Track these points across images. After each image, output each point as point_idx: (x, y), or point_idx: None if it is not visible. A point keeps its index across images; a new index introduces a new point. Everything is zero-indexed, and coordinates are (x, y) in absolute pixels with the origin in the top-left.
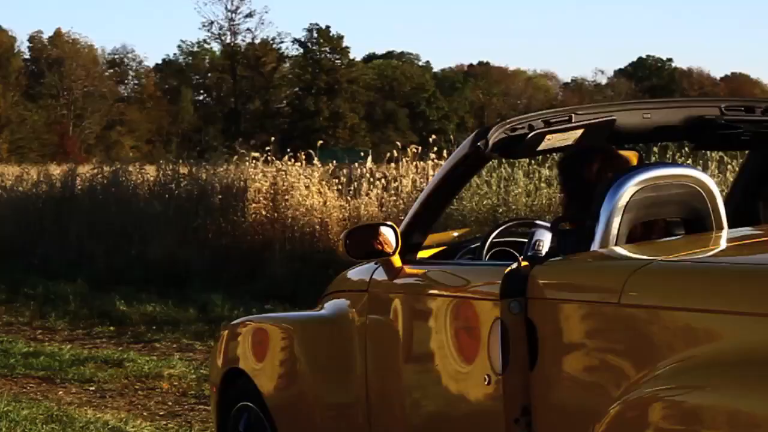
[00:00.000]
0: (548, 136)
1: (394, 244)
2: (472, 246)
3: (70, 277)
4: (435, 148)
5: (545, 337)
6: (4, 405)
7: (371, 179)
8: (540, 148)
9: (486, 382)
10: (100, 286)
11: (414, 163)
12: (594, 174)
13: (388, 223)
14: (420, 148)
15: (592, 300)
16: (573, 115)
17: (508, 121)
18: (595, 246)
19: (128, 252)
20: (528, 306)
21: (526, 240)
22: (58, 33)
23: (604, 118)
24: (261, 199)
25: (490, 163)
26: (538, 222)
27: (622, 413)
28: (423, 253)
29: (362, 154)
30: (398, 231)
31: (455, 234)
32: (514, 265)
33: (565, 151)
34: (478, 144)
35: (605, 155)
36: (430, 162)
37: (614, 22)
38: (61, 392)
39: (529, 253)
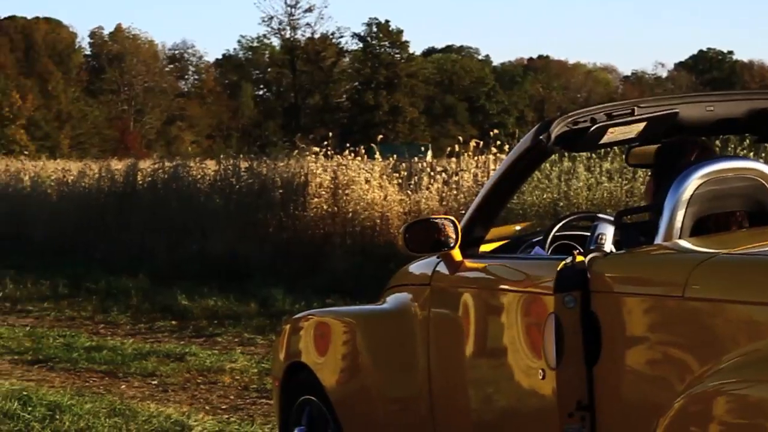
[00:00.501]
0: (610, 130)
1: (454, 238)
2: (534, 240)
3: (132, 272)
4: (497, 142)
5: (608, 331)
6: (68, 399)
7: (431, 173)
8: (602, 141)
9: (541, 377)
10: (162, 281)
11: (475, 157)
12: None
13: (449, 216)
14: (481, 142)
15: (656, 293)
16: (635, 108)
17: (570, 114)
18: (658, 239)
19: (189, 246)
20: (591, 300)
21: (588, 234)
22: (118, 28)
23: (667, 111)
24: (322, 193)
25: (551, 156)
26: (600, 215)
27: (686, 407)
28: (485, 247)
29: (422, 148)
30: (458, 225)
31: (517, 228)
32: (569, 260)
33: (629, 143)
34: (541, 137)
35: (701, 148)
36: (491, 156)
37: (674, 15)
38: (123, 386)
39: (591, 247)
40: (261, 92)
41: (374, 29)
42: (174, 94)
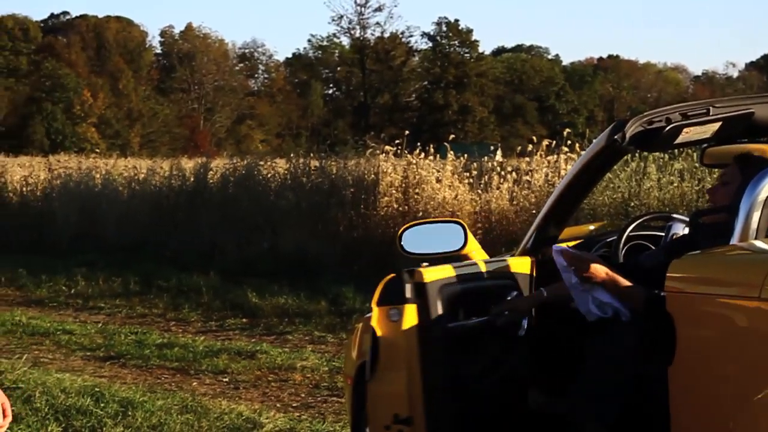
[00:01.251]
0: (685, 129)
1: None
2: (608, 240)
3: (203, 270)
4: (568, 142)
5: (683, 331)
6: (140, 395)
7: (502, 173)
8: (677, 141)
9: None
10: (232, 279)
11: (546, 156)
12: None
13: (454, 219)
14: (553, 141)
15: (732, 294)
16: (711, 107)
17: (645, 114)
18: (734, 240)
19: (260, 244)
20: (666, 300)
21: (662, 234)
22: (189, 27)
23: (743, 111)
24: (392, 192)
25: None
26: (675, 215)
27: (763, 407)
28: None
29: (491, 147)
30: (466, 227)
31: (591, 227)
32: None
33: (704, 143)
34: (615, 137)
35: None
36: (562, 156)
37: (746, 15)
38: (195, 383)
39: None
40: (330, 91)
41: (444, 28)
42: (244, 92)
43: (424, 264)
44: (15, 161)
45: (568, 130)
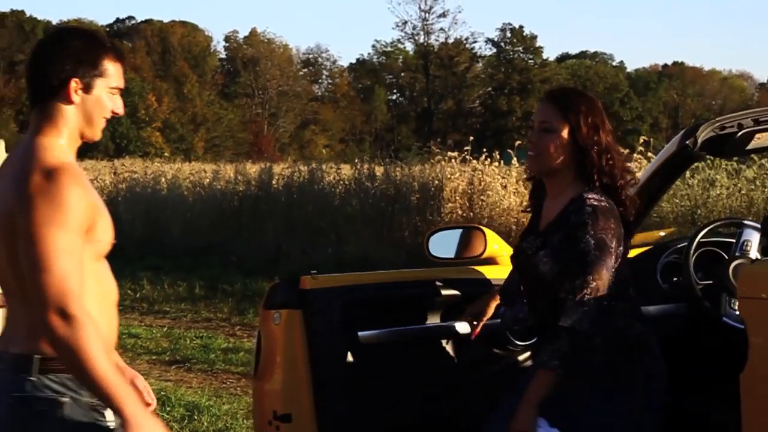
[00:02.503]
0: (757, 135)
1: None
2: (679, 246)
3: (268, 274)
4: (639, 148)
5: (755, 337)
6: (206, 399)
7: None
8: (749, 147)
9: None
10: None
11: None
12: None
13: (476, 225)
14: (626, 150)
15: None
16: None
17: (717, 119)
18: None
19: (324, 250)
20: (739, 306)
21: (733, 240)
22: (253, 33)
23: None
24: (457, 198)
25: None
26: (746, 222)
27: None
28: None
29: None
30: (486, 233)
31: (661, 234)
32: None
33: None
34: (687, 142)
35: None
36: (632, 164)
37: None
38: None
39: (737, 254)
40: (394, 97)
41: (508, 35)
42: (307, 98)
43: (313, 272)
44: (80, 165)
45: (643, 138)
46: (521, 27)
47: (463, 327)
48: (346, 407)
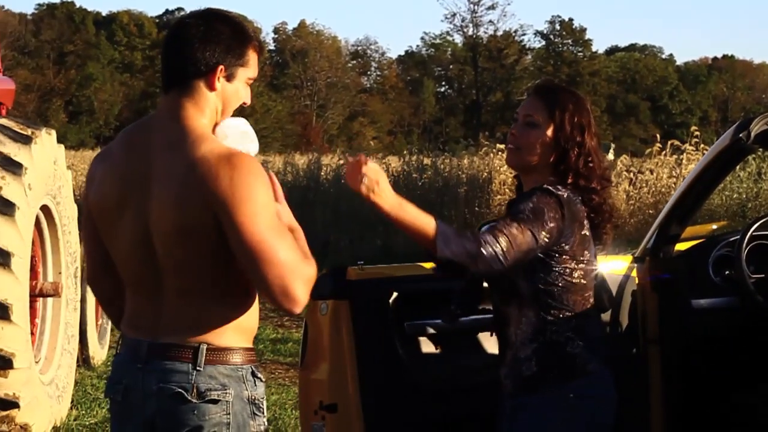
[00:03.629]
0: None
1: None
2: (731, 239)
3: (316, 266)
4: (694, 140)
5: None
6: None
7: (620, 172)
8: None
9: None
10: None
11: (661, 156)
12: None
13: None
14: (676, 141)
15: None
16: None
17: None
18: None
19: (373, 242)
20: None
21: None
22: (302, 24)
23: None
24: (506, 191)
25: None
26: None
27: None
28: (680, 246)
29: (604, 147)
30: None
31: (714, 227)
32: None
33: None
34: (740, 135)
35: None
36: (684, 155)
37: None
38: None
39: None
40: (442, 89)
41: (557, 27)
42: (356, 89)
43: (360, 263)
44: None
45: (695, 128)
46: (570, 19)
47: None
48: (392, 398)
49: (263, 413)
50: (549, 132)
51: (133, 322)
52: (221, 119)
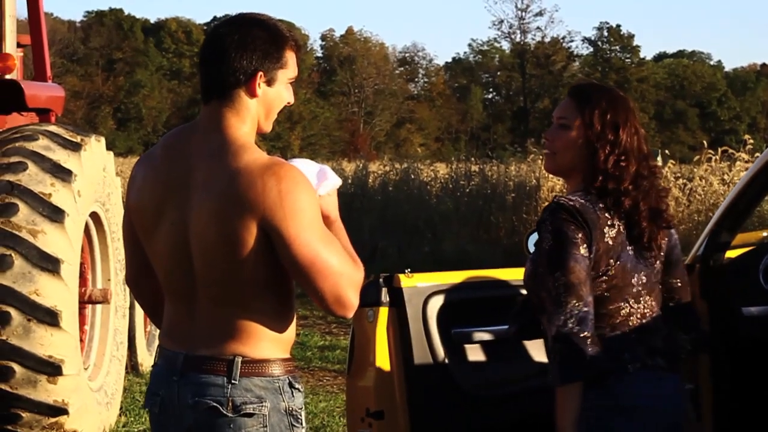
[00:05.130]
0: None
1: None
2: None
3: (364, 272)
4: (748, 147)
5: None
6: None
7: (668, 179)
8: None
9: None
10: None
11: (710, 163)
12: None
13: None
14: (727, 148)
15: None
16: None
17: None
18: None
19: (421, 248)
20: None
21: None
22: (349, 31)
23: None
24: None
25: None
26: None
27: None
28: (731, 253)
29: (655, 153)
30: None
31: (765, 234)
32: None
33: None
34: None
35: None
36: (737, 163)
37: None
38: None
39: None
40: (490, 96)
41: (605, 33)
42: (403, 96)
43: (408, 270)
44: None
45: (748, 138)
46: (618, 26)
47: None
48: (439, 405)
49: (302, 424)
50: (578, 131)
51: (170, 332)
52: (267, 123)
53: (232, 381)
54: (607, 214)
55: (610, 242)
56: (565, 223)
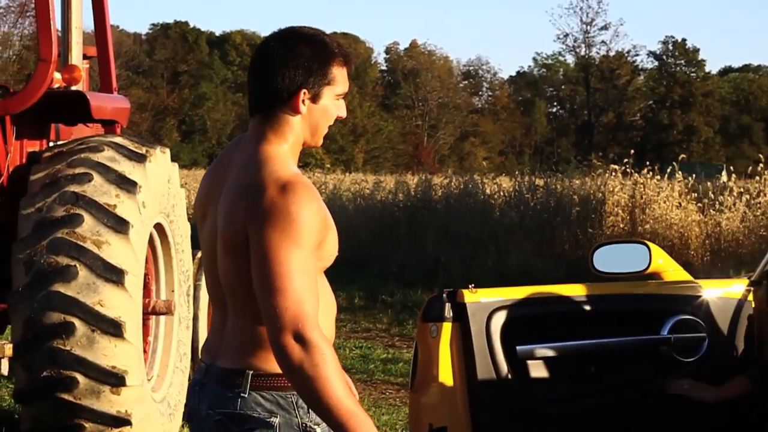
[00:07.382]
0: None
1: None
2: None
3: (427, 285)
4: None
5: None
6: (365, 410)
7: (735, 194)
8: None
9: None
10: None
11: None
12: None
13: (641, 240)
14: None
15: None
16: None
17: None
18: None
19: (484, 261)
20: None
21: None
22: (413, 44)
23: None
24: (618, 212)
25: None
26: None
27: None
28: None
29: (718, 168)
30: (651, 248)
31: None
32: None
33: None
34: None
35: None
36: None
37: None
38: None
39: None
40: (554, 109)
41: (670, 47)
42: (467, 110)
43: (471, 285)
44: None
45: None
46: (684, 40)
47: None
48: (501, 421)
49: None
50: None
51: (207, 341)
52: (315, 139)
53: (242, 395)
54: None
55: None
56: None
